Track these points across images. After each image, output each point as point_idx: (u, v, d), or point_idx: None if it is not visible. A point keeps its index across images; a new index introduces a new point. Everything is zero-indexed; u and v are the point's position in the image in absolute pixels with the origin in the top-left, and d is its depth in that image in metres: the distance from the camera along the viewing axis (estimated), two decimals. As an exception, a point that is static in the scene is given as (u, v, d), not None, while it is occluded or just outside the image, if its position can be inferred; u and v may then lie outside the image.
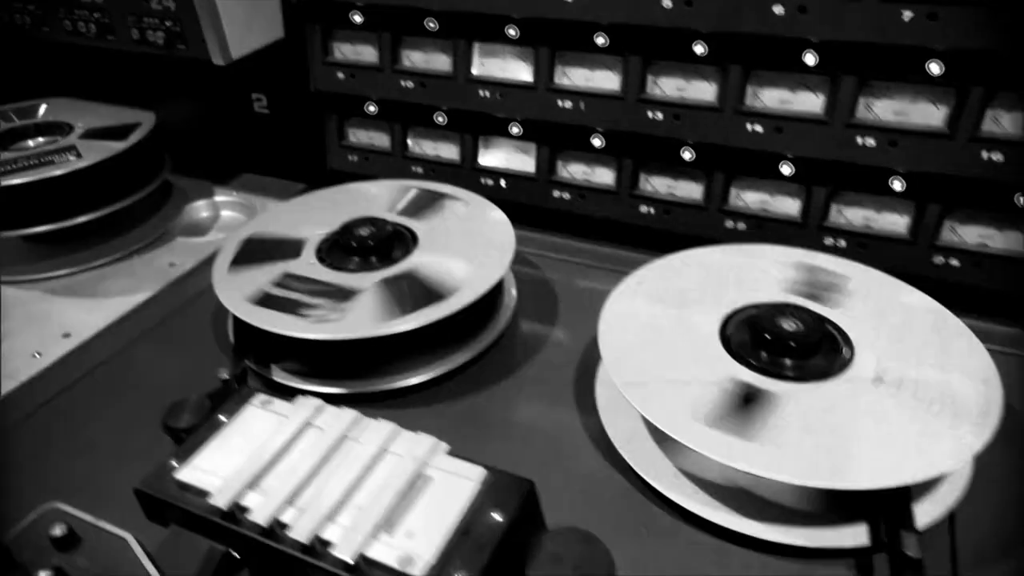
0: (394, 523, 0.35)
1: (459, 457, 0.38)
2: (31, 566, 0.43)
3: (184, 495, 0.38)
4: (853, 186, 0.64)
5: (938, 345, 0.51)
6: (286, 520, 0.35)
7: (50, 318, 0.71)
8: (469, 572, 0.33)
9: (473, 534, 0.35)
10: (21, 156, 0.77)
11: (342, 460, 0.38)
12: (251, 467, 0.38)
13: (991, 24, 0.54)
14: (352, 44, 0.79)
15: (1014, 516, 0.48)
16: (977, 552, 0.45)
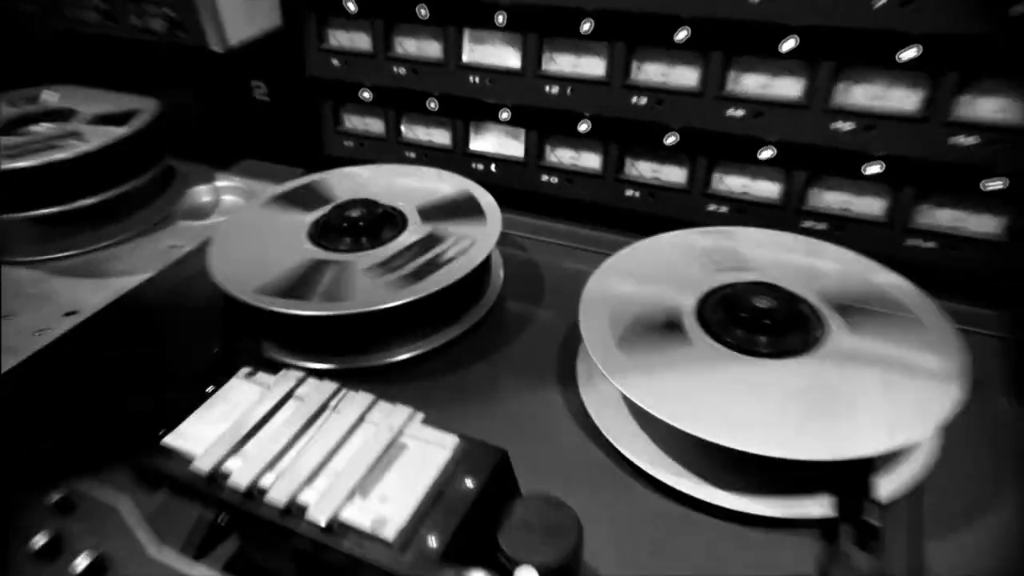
0: (369, 488, 0.35)
1: (434, 426, 0.39)
2: (31, 530, 0.44)
3: (170, 462, 0.39)
4: (831, 170, 0.64)
5: (907, 323, 0.51)
6: (265, 485, 0.36)
7: (55, 297, 0.71)
8: (440, 535, 0.33)
9: (445, 499, 0.35)
10: (27, 141, 0.77)
11: (321, 429, 0.38)
12: (233, 434, 0.38)
13: (965, 8, 0.53)
14: (347, 31, 0.79)
15: (981, 486, 0.48)
16: (944, 520, 0.46)
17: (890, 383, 0.46)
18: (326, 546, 0.34)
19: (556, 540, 0.35)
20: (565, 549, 0.35)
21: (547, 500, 0.38)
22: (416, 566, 0.32)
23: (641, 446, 0.49)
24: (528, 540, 0.35)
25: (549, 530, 0.36)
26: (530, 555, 0.35)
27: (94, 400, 0.57)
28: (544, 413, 0.54)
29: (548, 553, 0.35)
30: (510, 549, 0.35)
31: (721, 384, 0.47)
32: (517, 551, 0.35)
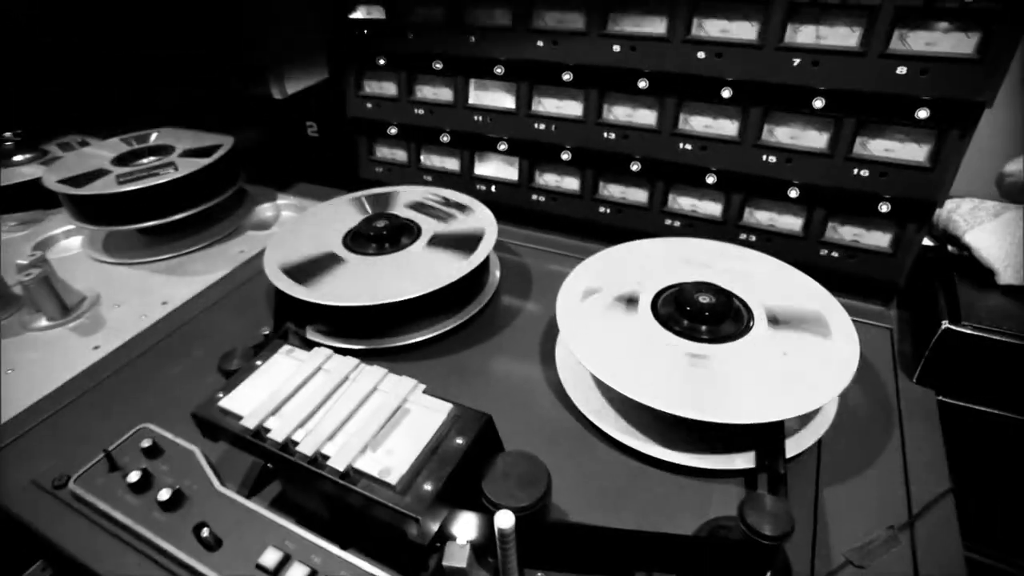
0: (378, 443, 0.35)
1: (433, 395, 0.39)
2: (128, 467, 0.46)
3: (225, 418, 0.39)
4: (761, 193, 0.63)
5: (816, 316, 0.50)
6: (297, 439, 0.36)
7: (153, 290, 0.72)
8: (434, 482, 0.33)
9: (439, 454, 0.35)
10: (136, 170, 0.79)
11: (342, 395, 0.39)
12: (274, 399, 0.38)
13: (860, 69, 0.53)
14: (378, 81, 0.79)
15: (868, 442, 0.48)
16: (838, 470, 0.45)
17: (800, 362, 0.46)
18: (344, 487, 0.34)
19: (529, 487, 0.35)
20: (537, 494, 0.35)
21: (523, 455, 0.37)
22: (414, 505, 0.32)
23: (605, 413, 0.49)
24: (507, 487, 0.35)
25: (524, 479, 0.36)
26: (508, 500, 0.34)
27: (180, 369, 0.58)
28: (527, 386, 0.54)
29: (522, 498, 0.35)
30: (492, 494, 0.35)
31: (663, 360, 0.46)
32: (498, 496, 0.35)
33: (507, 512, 0.33)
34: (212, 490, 0.44)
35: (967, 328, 0.49)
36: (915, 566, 0.40)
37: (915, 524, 0.42)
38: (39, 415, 0.54)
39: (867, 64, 0.53)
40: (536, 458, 0.37)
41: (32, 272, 0.65)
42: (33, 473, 0.48)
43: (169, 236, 0.81)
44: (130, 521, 0.42)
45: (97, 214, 0.76)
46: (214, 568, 0.39)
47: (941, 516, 0.43)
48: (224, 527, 0.41)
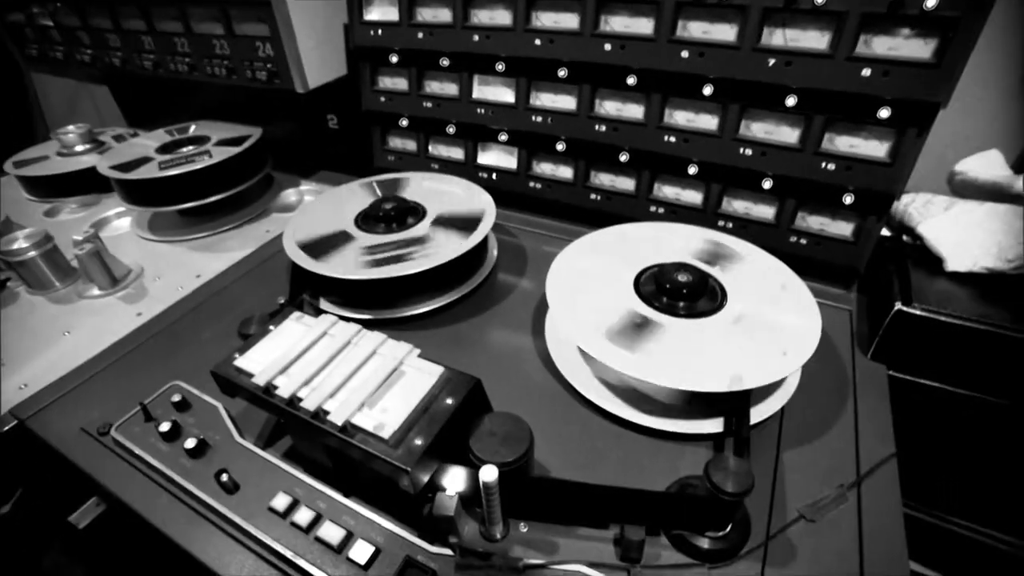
0: (375, 402, 0.34)
1: (427, 359, 0.37)
2: (160, 419, 0.45)
3: (240, 376, 0.38)
4: (738, 184, 0.61)
5: (784, 296, 0.49)
6: (301, 396, 0.35)
7: (189, 264, 0.71)
8: (424, 438, 0.32)
9: (430, 412, 0.34)
10: (175, 157, 0.78)
11: (344, 357, 0.37)
12: (282, 359, 0.37)
13: (828, 70, 0.50)
14: (391, 77, 0.76)
15: (825, 412, 0.46)
16: (798, 435, 0.44)
17: (767, 336, 0.44)
18: (342, 440, 0.33)
19: (513, 445, 0.34)
20: (519, 451, 0.34)
21: (508, 416, 0.36)
22: (404, 458, 0.31)
23: (587, 381, 0.47)
24: (491, 445, 0.34)
25: (508, 438, 0.35)
26: (492, 456, 0.33)
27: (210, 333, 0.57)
28: (518, 355, 0.53)
29: (506, 454, 0.34)
30: (478, 451, 0.34)
31: (644, 334, 0.45)
32: (483, 452, 0.34)
33: (491, 467, 0.32)
34: (232, 441, 0.43)
35: (917, 310, 0.47)
36: (859, 520, 0.39)
37: (862, 483, 0.41)
38: (88, 372, 0.54)
39: (835, 66, 0.50)
40: (520, 419, 0.36)
41: (85, 247, 0.64)
42: (82, 422, 0.48)
43: (205, 217, 0.81)
44: (161, 465, 0.42)
45: (142, 196, 0.75)
46: (232, 509, 0.38)
47: (885, 476, 0.41)
48: (241, 474, 0.40)
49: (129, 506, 0.40)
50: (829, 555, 0.37)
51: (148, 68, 0.88)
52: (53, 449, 0.46)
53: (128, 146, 0.85)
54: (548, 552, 0.36)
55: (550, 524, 0.38)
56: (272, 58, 0.75)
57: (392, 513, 0.38)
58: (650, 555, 0.36)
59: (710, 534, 0.36)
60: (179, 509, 0.40)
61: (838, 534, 0.38)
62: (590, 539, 0.37)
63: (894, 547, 0.37)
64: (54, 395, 0.51)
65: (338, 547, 0.35)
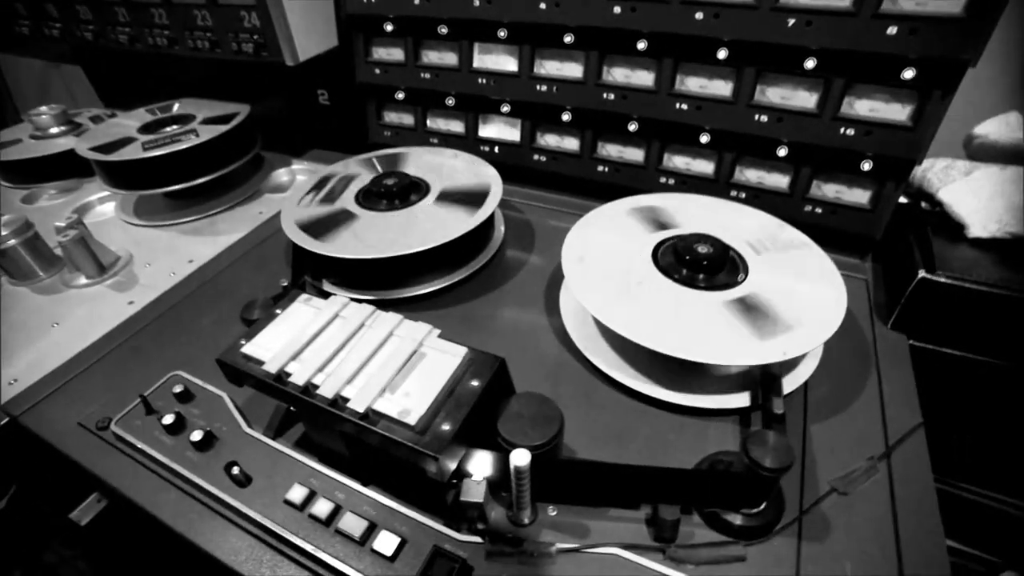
0: (396, 386, 0.32)
1: (447, 339, 0.35)
2: (162, 411, 0.43)
3: (248, 364, 0.36)
4: (752, 152, 0.58)
5: (806, 267, 0.47)
6: (317, 382, 0.33)
7: (180, 249, 0.68)
8: (452, 423, 0.30)
9: (456, 395, 0.32)
10: (161, 137, 0.73)
11: (359, 340, 0.35)
12: (293, 345, 0.35)
13: (849, 29, 0.47)
14: (385, 47, 0.72)
15: (848, 383, 0.45)
16: (823, 408, 0.43)
17: (792, 308, 0.42)
18: (364, 428, 0.31)
19: (543, 427, 0.32)
20: (550, 433, 0.32)
21: (536, 396, 0.34)
22: (433, 444, 0.29)
23: (608, 357, 0.46)
24: (521, 427, 0.32)
25: (537, 419, 0.33)
26: (522, 439, 0.32)
27: (207, 320, 0.54)
28: (533, 332, 0.51)
29: (536, 437, 0.32)
30: (507, 434, 0.32)
31: (664, 307, 0.43)
32: (513, 435, 0.32)
33: (523, 450, 0.30)
34: (240, 432, 0.41)
35: (941, 277, 0.46)
36: (891, 491, 0.38)
37: (891, 455, 0.40)
38: (82, 364, 0.51)
39: (859, 24, 0.48)
40: (548, 399, 0.34)
41: (69, 233, 0.61)
42: (79, 416, 0.45)
43: (193, 200, 0.77)
44: (167, 459, 0.40)
45: (126, 179, 0.71)
46: (246, 503, 0.36)
47: (914, 447, 0.41)
48: (253, 465, 0.38)
49: (137, 504, 0.38)
50: (864, 528, 0.36)
51: (123, 42, 0.83)
52: (50, 446, 0.43)
53: (107, 126, 0.81)
54: (580, 535, 0.35)
55: (579, 507, 0.36)
56: (259, 29, 0.71)
57: (414, 501, 0.36)
58: (684, 534, 0.35)
59: (745, 511, 0.35)
60: (189, 505, 0.37)
61: (871, 506, 0.37)
62: (621, 520, 0.36)
63: (928, 517, 0.36)
64: (47, 389, 0.48)
65: (361, 539, 0.33)
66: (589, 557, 0.33)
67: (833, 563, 0.34)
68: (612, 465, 0.34)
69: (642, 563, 0.33)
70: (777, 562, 0.34)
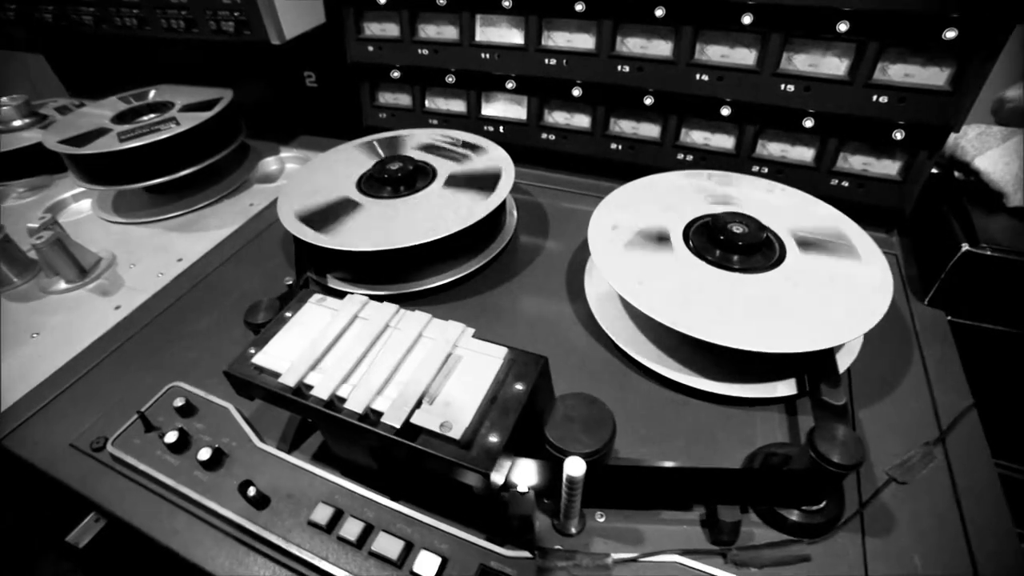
0: (434, 395, 0.29)
1: (483, 339, 0.32)
2: (164, 427, 0.40)
3: (261, 376, 0.32)
4: (776, 124, 0.55)
5: (847, 246, 0.44)
6: (343, 395, 0.29)
7: (167, 248, 0.63)
8: (500, 433, 0.27)
9: (500, 402, 0.28)
10: (138, 127, 0.68)
11: (385, 344, 0.32)
12: (312, 352, 0.31)
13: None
14: (379, 22, 0.67)
15: (891, 365, 0.43)
16: (870, 392, 0.41)
17: (838, 291, 0.40)
18: (401, 444, 0.27)
19: (596, 431, 0.30)
20: (604, 438, 0.29)
21: (583, 397, 0.32)
22: (482, 460, 0.26)
23: (642, 346, 0.43)
24: (572, 432, 0.29)
25: (589, 423, 0.30)
26: (574, 445, 0.29)
27: (203, 324, 0.50)
28: (557, 322, 0.47)
29: (589, 442, 0.29)
30: (558, 440, 0.29)
31: (699, 290, 0.40)
32: (563, 442, 0.29)
33: (578, 459, 0.27)
34: (252, 447, 0.37)
35: (987, 250, 0.44)
36: (952, 478, 0.36)
37: (945, 439, 0.38)
38: (69, 378, 0.46)
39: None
40: (598, 400, 0.31)
41: (44, 235, 0.56)
42: (70, 436, 0.41)
43: (177, 193, 0.72)
44: (173, 482, 0.36)
45: (102, 173, 0.66)
46: (265, 526, 0.33)
47: (968, 429, 0.39)
48: (269, 484, 0.35)
49: (145, 533, 0.35)
50: (927, 519, 0.34)
51: (88, 24, 0.76)
52: (41, 471, 0.39)
53: (77, 117, 0.74)
54: (633, 543, 0.32)
55: (627, 510, 0.34)
56: (239, 5, 0.65)
57: (450, 514, 0.33)
58: (742, 534, 0.33)
59: (805, 507, 0.33)
60: (203, 531, 0.34)
61: (933, 495, 0.35)
62: (674, 523, 0.33)
63: (993, 502, 0.34)
64: (33, 408, 0.44)
65: (398, 561, 0.30)
66: (647, 566, 0.31)
67: (901, 557, 0.32)
68: (669, 468, 0.32)
69: (703, 569, 0.31)
70: (842, 560, 0.32)
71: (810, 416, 0.39)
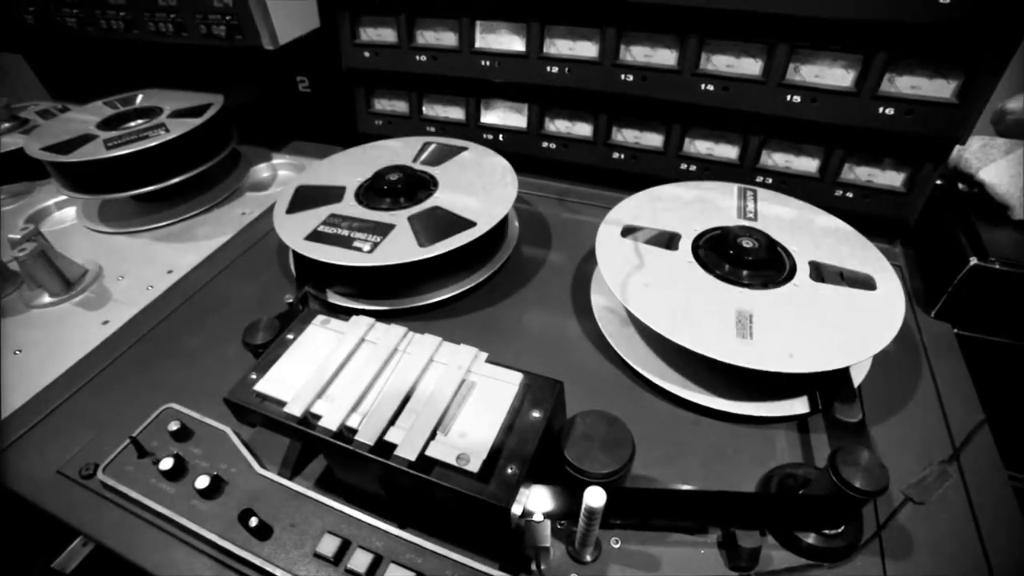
0: (448, 425, 0.28)
1: (497, 363, 0.31)
2: (158, 453, 0.38)
3: (264, 403, 0.31)
4: (781, 135, 0.55)
5: (858, 258, 0.44)
6: (353, 425, 0.28)
7: (156, 259, 0.61)
8: (519, 465, 0.26)
9: (517, 430, 0.28)
10: (125, 134, 0.66)
11: (395, 370, 0.30)
12: (318, 379, 0.30)
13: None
14: (375, 28, 0.66)
15: (901, 380, 0.43)
16: (880, 408, 0.41)
17: (849, 308, 0.40)
18: (416, 477, 0.26)
19: (615, 451, 0.29)
20: (623, 458, 0.29)
21: (603, 416, 0.31)
22: (500, 495, 0.25)
23: (652, 363, 0.42)
24: (590, 452, 0.29)
25: (608, 443, 0.29)
26: (594, 466, 0.28)
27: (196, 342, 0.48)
28: (563, 338, 0.47)
29: (609, 463, 0.28)
30: (577, 460, 0.28)
31: (708, 306, 0.40)
32: (583, 462, 0.28)
33: (598, 490, 0.26)
34: (252, 473, 0.36)
35: (995, 264, 0.44)
36: (968, 496, 0.36)
37: (959, 456, 0.38)
38: (55, 398, 0.44)
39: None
40: (617, 419, 0.31)
41: (27, 247, 0.54)
42: (58, 463, 0.39)
43: (167, 202, 0.70)
44: (170, 512, 0.34)
45: (88, 182, 0.64)
46: (269, 559, 0.32)
47: (981, 445, 0.39)
48: (271, 513, 0.34)
49: (139, 566, 0.33)
50: (947, 540, 0.33)
51: (72, 26, 0.74)
52: (26, 500, 0.38)
53: (61, 122, 0.72)
54: (650, 569, 0.32)
55: (642, 532, 0.33)
56: (231, 9, 0.64)
57: (459, 541, 0.32)
58: (761, 557, 0.32)
59: (825, 531, 0.32)
60: (202, 564, 0.33)
61: (950, 514, 0.35)
62: (690, 544, 0.33)
63: (1011, 522, 0.34)
64: (16, 431, 0.42)
65: (410, 594, 0.29)
66: (666, 596, 0.30)
67: (922, 580, 0.32)
68: (685, 491, 0.31)
69: (723, 597, 0.30)
70: (862, 584, 0.31)
71: (823, 433, 0.39)
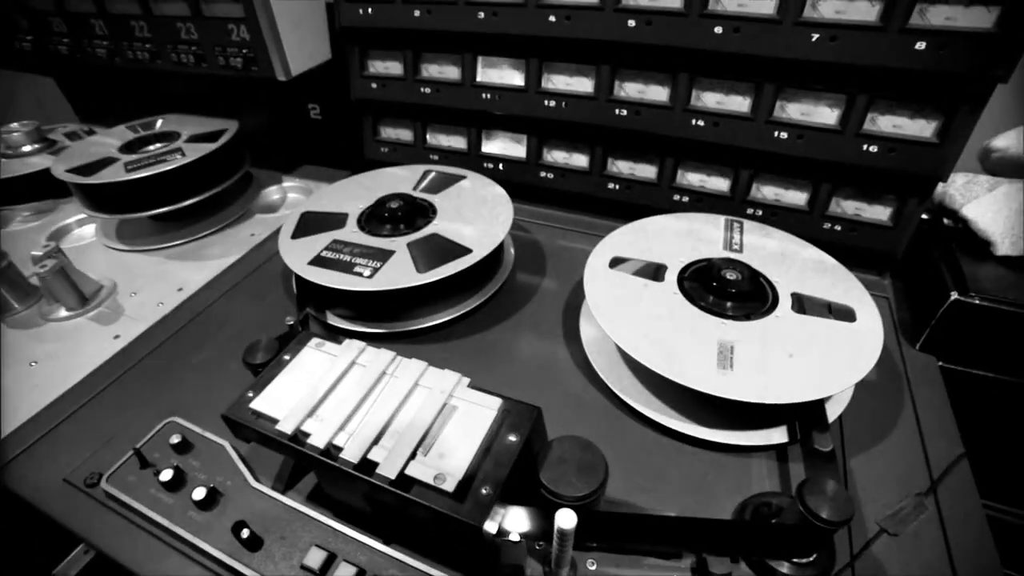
0: (428, 446, 0.29)
1: (479, 389, 0.33)
2: (159, 464, 0.40)
3: (259, 421, 0.33)
4: (770, 169, 0.57)
5: (840, 290, 0.46)
6: (339, 443, 0.30)
7: (168, 276, 0.64)
8: (492, 486, 0.28)
9: (493, 453, 0.29)
10: (144, 157, 0.70)
11: (382, 392, 0.33)
12: (310, 399, 0.32)
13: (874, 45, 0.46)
14: (383, 61, 0.70)
15: (883, 411, 0.44)
16: (860, 439, 0.42)
17: (829, 339, 0.41)
18: (395, 495, 0.28)
19: (588, 475, 0.30)
20: (596, 483, 0.30)
21: (577, 440, 0.32)
22: (473, 514, 0.27)
23: (636, 392, 0.44)
24: (565, 475, 0.30)
25: (582, 467, 0.31)
26: (568, 489, 0.29)
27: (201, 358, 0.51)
28: (552, 364, 0.48)
29: (582, 486, 0.30)
30: (551, 483, 0.30)
31: (691, 338, 0.41)
32: (557, 485, 0.30)
33: (569, 512, 0.28)
34: (247, 487, 0.38)
35: (975, 299, 0.45)
36: (943, 529, 0.36)
37: (937, 489, 0.39)
38: (65, 409, 0.47)
39: (886, 39, 0.46)
40: (592, 444, 0.32)
41: (48, 263, 0.57)
42: (65, 471, 0.41)
43: (180, 222, 0.74)
44: (167, 522, 0.36)
45: (108, 202, 0.67)
46: (258, 569, 0.33)
47: (959, 479, 0.39)
48: (263, 525, 0.35)
49: (136, 574, 0.35)
50: (919, 571, 0.34)
51: (102, 57, 0.79)
52: (33, 506, 0.40)
53: (86, 145, 0.77)
54: (624, 593, 0.33)
55: (618, 556, 0.34)
56: (248, 43, 0.68)
57: (441, 559, 0.34)
58: (732, 587, 0.33)
59: (796, 560, 0.33)
60: (195, 572, 0.34)
61: (923, 547, 0.35)
62: (664, 569, 0.34)
63: (984, 556, 0.35)
64: (27, 440, 0.44)
65: (389, 608, 0.31)
66: (637, 619, 0.31)
67: (891, 612, 0.32)
68: (658, 517, 0.32)
69: (693, 623, 0.31)
70: (833, 614, 0.32)
71: (801, 463, 0.40)
